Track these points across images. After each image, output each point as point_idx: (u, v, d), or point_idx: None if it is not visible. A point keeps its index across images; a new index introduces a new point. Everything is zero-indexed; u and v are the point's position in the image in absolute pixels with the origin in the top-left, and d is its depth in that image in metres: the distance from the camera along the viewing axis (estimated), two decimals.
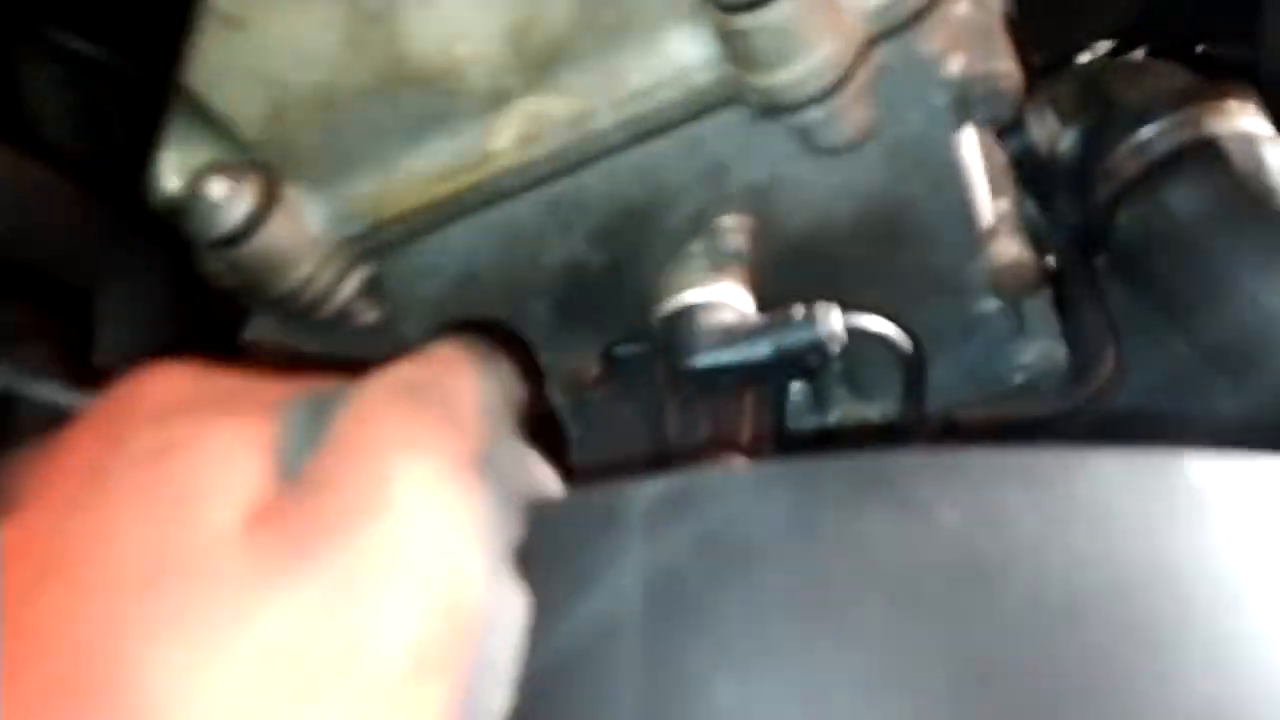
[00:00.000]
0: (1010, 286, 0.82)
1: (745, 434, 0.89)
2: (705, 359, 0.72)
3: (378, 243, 0.76)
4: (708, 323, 0.73)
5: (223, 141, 0.74)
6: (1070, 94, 0.90)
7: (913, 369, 0.75)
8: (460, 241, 0.77)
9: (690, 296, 0.75)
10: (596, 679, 0.38)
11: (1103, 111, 0.86)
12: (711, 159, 0.70)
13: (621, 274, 0.80)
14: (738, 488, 0.43)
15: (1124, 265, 0.86)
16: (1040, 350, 0.91)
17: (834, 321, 0.70)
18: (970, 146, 0.72)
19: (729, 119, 0.68)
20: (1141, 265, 0.83)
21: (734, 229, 0.73)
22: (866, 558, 0.38)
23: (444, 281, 0.80)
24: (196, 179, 0.72)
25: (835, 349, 0.70)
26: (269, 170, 0.73)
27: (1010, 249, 0.80)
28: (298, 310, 0.78)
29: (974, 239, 0.79)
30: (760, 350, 0.71)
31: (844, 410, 1.00)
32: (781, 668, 0.37)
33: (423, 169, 0.73)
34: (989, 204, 0.77)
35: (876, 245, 0.78)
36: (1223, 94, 0.81)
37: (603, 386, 0.93)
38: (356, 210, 0.74)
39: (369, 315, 0.81)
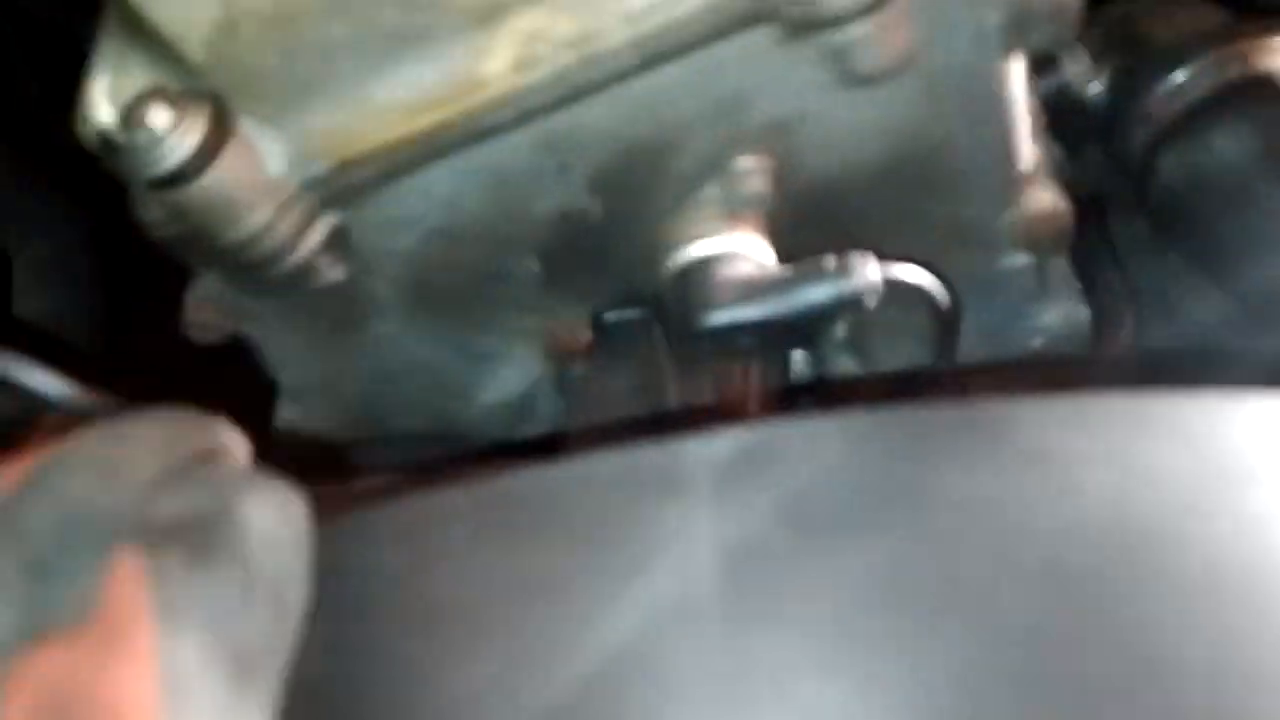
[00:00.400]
0: (1042, 240, 0.77)
1: (752, 401, 0.83)
2: (723, 315, 0.65)
3: (345, 186, 0.67)
4: (725, 276, 0.66)
5: (164, 64, 0.65)
6: (1099, 34, 0.84)
7: (948, 325, 0.68)
8: (441, 186, 0.68)
9: (703, 247, 0.68)
10: (664, 675, 0.30)
11: (1135, 52, 0.81)
12: (731, 89, 0.63)
13: (622, 225, 0.72)
14: (824, 441, 0.35)
15: (1163, 214, 0.80)
16: (1062, 312, 0.86)
17: (872, 272, 0.63)
18: (1018, 79, 0.66)
19: (754, 41, 0.61)
20: (1182, 213, 0.78)
21: (752, 171, 0.66)
22: (996, 526, 0.31)
23: (420, 233, 0.72)
24: (134, 108, 0.63)
25: (872, 302, 0.63)
26: (218, 99, 0.64)
27: (1044, 198, 0.75)
28: (250, 265, 0.69)
29: (1010, 186, 0.73)
30: (788, 305, 0.64)
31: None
32: (889, 665, 0.29)
33: (399, 99, 0.64)
34: (1028, 147, 0.71)
35: (903, 192, 0.71)
36: (1262, 32, 0.76)
37: (592, 355, 0.85)
38: (321, 147, 0.66)
39: (333, 272, 0.73)
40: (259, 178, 0.66)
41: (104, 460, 0.35)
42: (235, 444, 0.41)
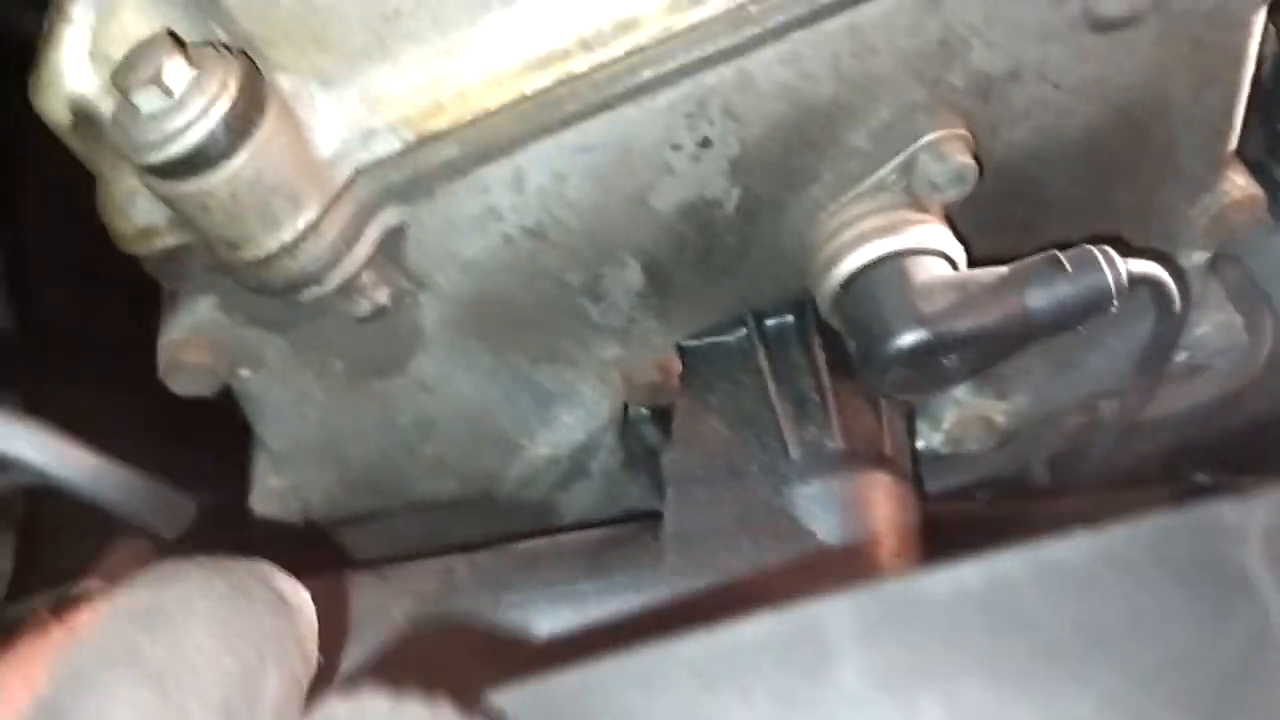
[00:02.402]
0: (1231, 233, 0.68)
1: (888, 444, 0.71)
2: (931, 329, 0.53)
3: (420, 171, 0.53)
4: (922, 280, 0.55)
5: (172, 4, 0.50)
6: None
7: (1176, 327, 0.59)
8: (539, 169, 0.56)
9: (881, 245, 0.57)
10: None
11: None
12: (941, 34, 0.53)
13: (764, 219, 0.61)
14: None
15: None
16: (1216, 322, 0.78)
17: (1118, 266, 0.53)
18: (1258, 37, 0.58)
19: None
20: None
21: (948, 143, 0.55)
22: None
23: (499, 234, 0.59)
24: (132, 64, 0.48)
25: (1117, 304, 0.54)
26: (252, 55, 0.49)
27: (1239, 184, 0.67)
28: (277, 284, 0.54)
29: (1215, 168, 0.65)
30: (1016, 312, 0.53)
31: (962, 410, 0.84)
32: None
33: (507, 49, 0.51)
34: (1240, 122, 0.63)
35: (1100, 171, 0.63)
36: None
37: (686, 388, 0.72)
38: (395, 117, 0.52)
39: (378, 295, 0.58)
40: (307, 161, 0.51)
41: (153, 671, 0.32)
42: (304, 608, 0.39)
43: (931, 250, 0.57)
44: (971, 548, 0.84)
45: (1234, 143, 0.65)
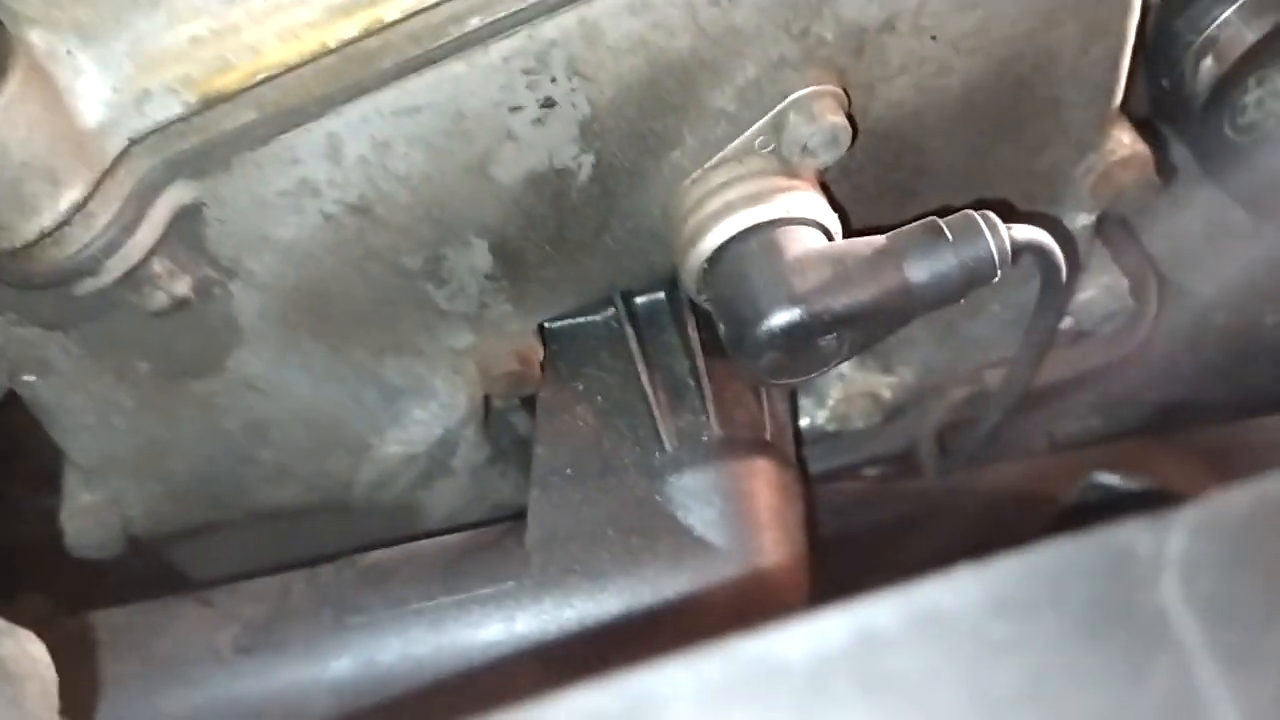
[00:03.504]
0: (1118, 193, 0.65)
1: (769, 428, 0.66)
2: (809, 307, 0.48)
3: (208, 139, 0.45)
4: (796, 253, 0.50)
5: None
6: None
7: (1062, 292, 0.55)
8: (357, 137, 0.48)
9: (749, 215, 0.51)
10: None
11: None
12: None
13: (620, 189, 0.54)
14: None
15: (1226, 155, 0.72)
16: (1101, 286, 0.75)
17: (1001, 234, 0.48)
18: None
19: None
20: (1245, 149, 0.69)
21: (820, 100, 0.50)
22: None
23: (318, 214, 0.51)
24: None
25: (1001, 273, 0.49)
26: None
27: (1125, 142, 0.63)
28: (46, 276, 0.46)
29: (1101, 125, 0.62)
30: (897, 285, 0.48)
31: (846, 385, 0.80)
32: None
33: None
34: (1124, 77, 0.59)
35: (982, 131, 0.58)
36: None
37: (550, 376, 0.66)
38: (172, 76, 0.44)
39: (176, 283, 0.50)
40: (67, 131, 0.43)
41: None
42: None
43: (804, 220, 0.51)
44: (860, 532, 0.80)
45: (1119, 99, 0.61)
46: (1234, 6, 0.69)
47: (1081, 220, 0.68)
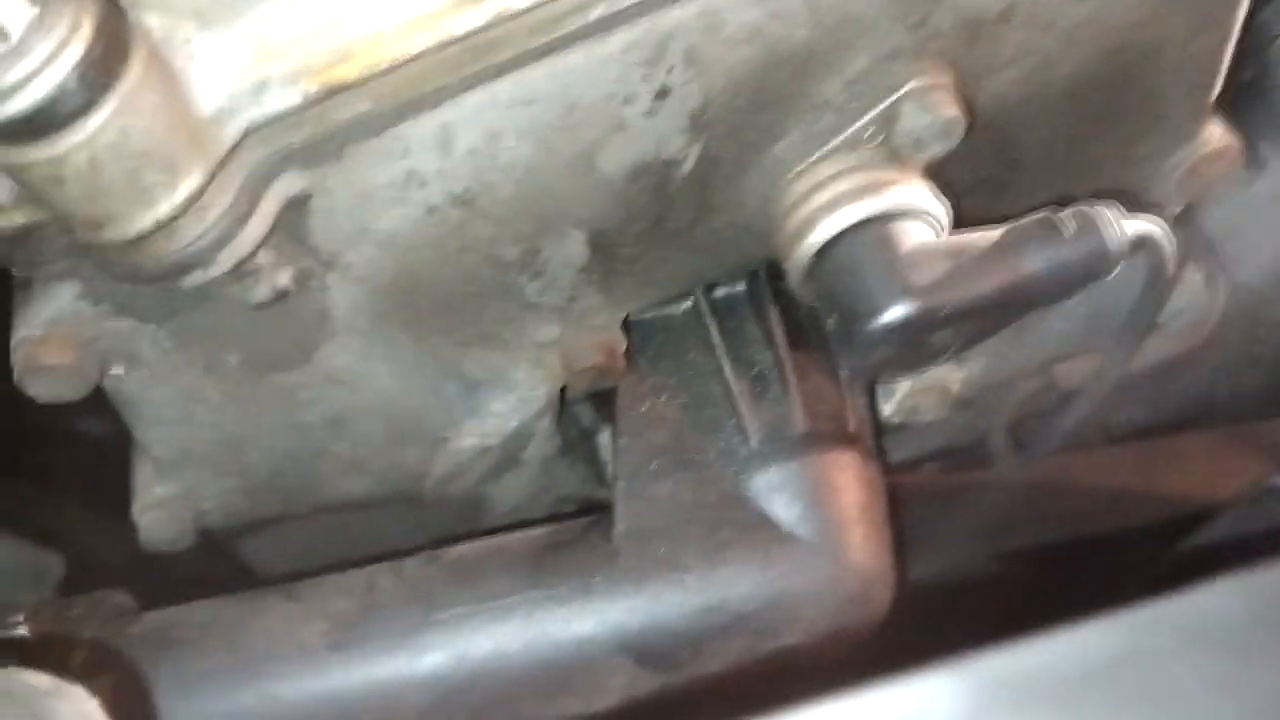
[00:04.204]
0: (1206, 185, 0.64)
1: (852, 421, 0.66)
2: (924, 301, 0.47)
3: (324, 131, 0.45)
4: (911, 247, 0.49)
5: None
6: None
7: (1163, 286, 0.54)
8: (469, 128, 0.48)
9: (859, 208, 0.50)
10: None
11: None
12: None
13: (724, 180, 0.53)
14: None
15: None
16: (1180, 281, 0.74)
17: (1120, 227, 0.48)
18: None
19: None
20: None
21: (933, 91, 0.49)
22: None
23: (421, 205, 0.50)
24: None
25: (1118, 267, 0.49)
26: None
27: (1217, 134, 0.63)
28: (153, 269, 0.45)
29: (1198, 116, 0.61)
30: (1017, 279, 0.47)
31: (916, 378, 0.79)
32: None
33: None
34: (1227, 66, 0.58)
35: (1085, 120, 0.58)
36: None
37: (631, 369, 0.65)
38: (292, 67, 0.43)
39: (278, 277, 0.49)
40: (185, 119, 0.42)
41: None
42: None
43: (915, 212, 0.51)
44: (926, 522, 0.79)
45: (1217, 91, 0.60)
46: None
47: (1166, 213, 0.67)
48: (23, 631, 0.53)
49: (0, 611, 0.53)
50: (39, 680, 0.37)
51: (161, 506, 0.66)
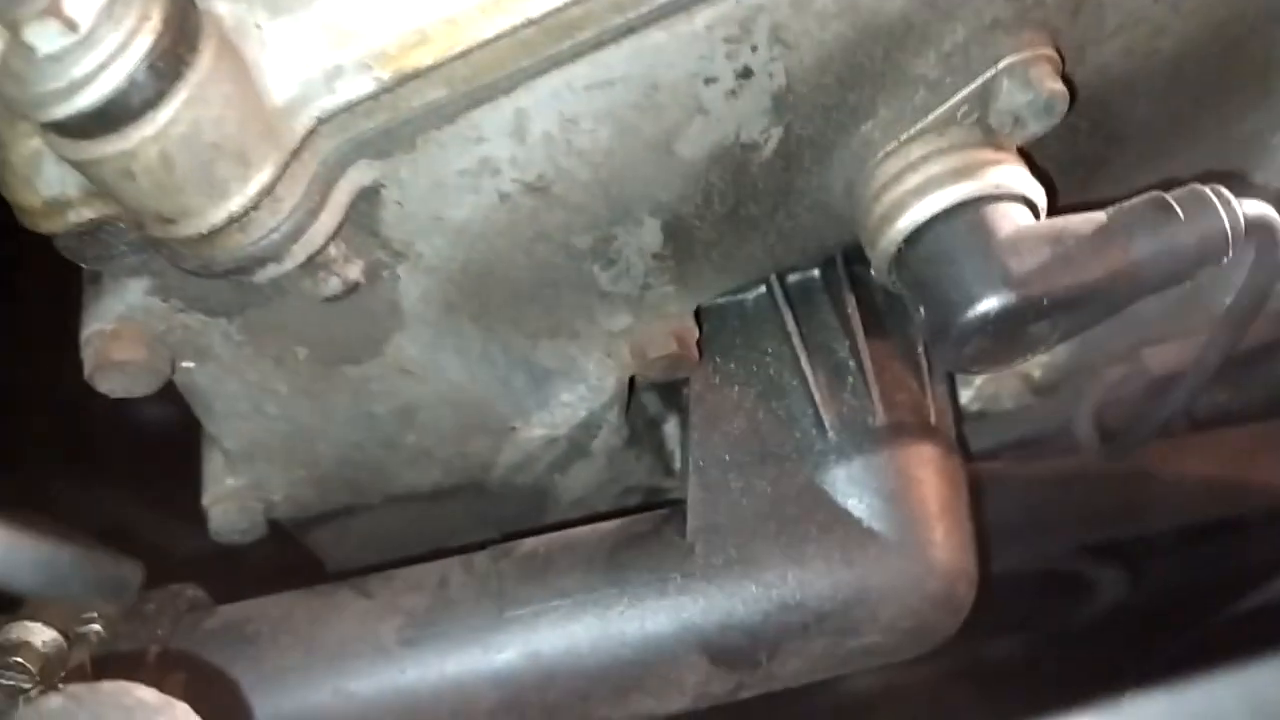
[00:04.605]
0: None
1: (932, 411, 0.63)
2: (1026, 289, 0.45)
3: (397, 117, 0.43)
4: (1010, 232, 0.46)
5: None
6: None
7: (1275, 269, 0.51)
8: (545, 113, 0.45)
9: (955, 191, 0.48)
10: None
11: None
12: None
13: (809, 163, 0.51)
14: None
15: None
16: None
17: (1236, 209, 0.45)
18: None
19: None
20: None
21: (1034, 66, 0.46)
22: None
23: (493, 193, 0.48)
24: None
25: (1233, 253, 0.46)
26: None
27: None
28: (226, 262, 0.44)
29: None
30: (1126, 266, 0.45)
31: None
32: None
33: None
34: None
35: (1189, 96, 0.54)
36: None
37: (704, 357, 0.63)
38: (364, 52, 0.41)
39: (349, 270, 0.48)
40: (257, 110, 0.40)
41: None
42: None
43: (1013, 195, 0.48)
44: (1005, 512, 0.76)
45: None
46: None
47: (1272, 193, 0.64)
48: (97, 628, 0.53)
49: (74, 607, 0.53)
50: (148, 695, 0.36)
51: (232, 498, 0.65)
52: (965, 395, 0.78)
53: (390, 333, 0.56)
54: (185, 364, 0.55)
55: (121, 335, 0.51)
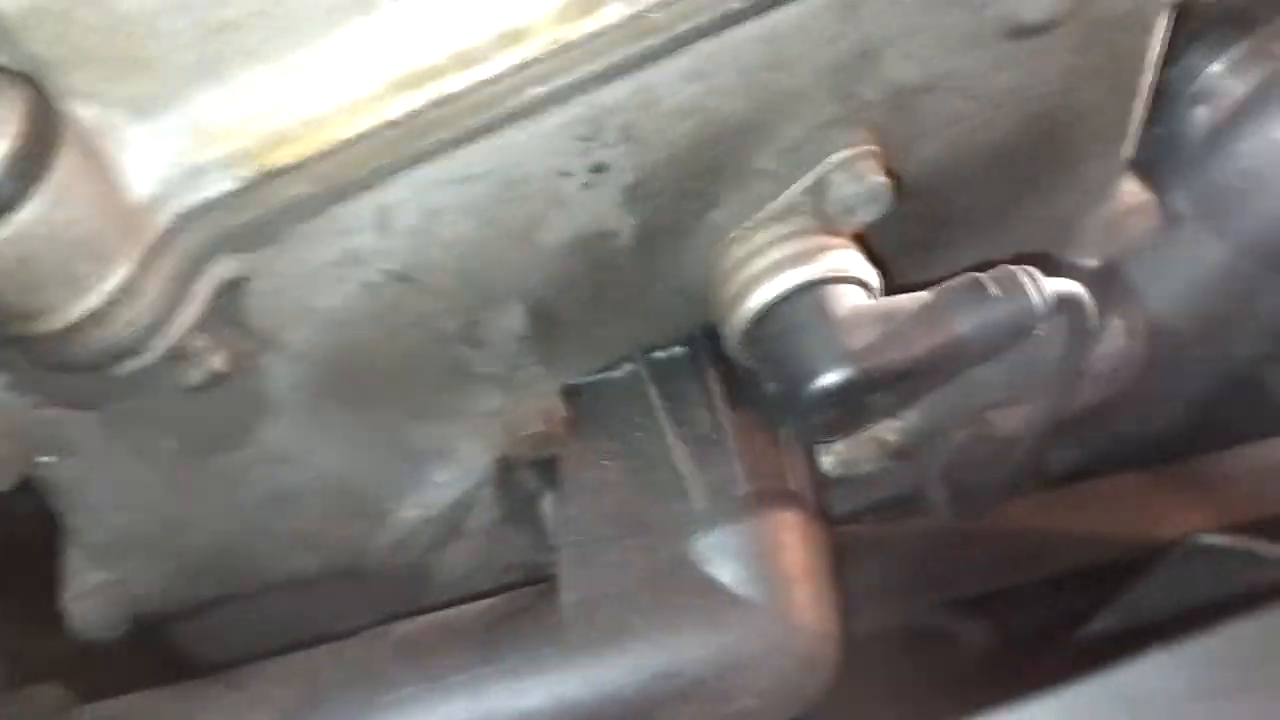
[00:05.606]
0: (1125, 239, 0.67)
1: (792, 478, 0.67)
2: (859, 365, 0.48)
3: (259, 214, 0.44)
4: (844, 311, 0.50)
5: None
6: None
7: (1087, 339, 0.56)
8: (409, 206, 0.48)
9: (795, 274, 0.52)
10: None
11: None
12: (862, 42, 0.48)
13: (661, 250, 0.54)
14: None
15: (1218, 198, 0.74)
16: (1115, 331, 0.77)
17: (1043, 286, 0.50)
18: (1160, 42, 0.56)
19: None
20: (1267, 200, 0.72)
21: (862, 160, 0.51)
22: None
23: (361, 283, 0.50)
24: None
25: (1044, 327, 0.50)
26: (39, 80, 0.39)
27: (1132, 191, 0.65)
28: (84, 358, 0.44)
29: (1114, 174, 0.63)
30: (947, 341, 0.49)
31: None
32: None
33: (370, 66, 0.43)
34: (1137, 125, 0.61)
35: (1008, 183, 0.60)
36: None
37: (576, 433, 0.65)
38: (228, 150, 0.43)
39: (213, 360, 0.49)
40: (117, 208, 0.41)
41: None
42: None
43: (848, 278, 0.52)
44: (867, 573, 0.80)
45: (1130, 151, 0.63)
46: (1228, 57, 0.72)
47: (1087, 266, 0.70)
48: None
49: None
50: None
51: (94, 594, 0.63)
52: (827, 461, 0.81)
53: (260, 420, 0.56)
54: (45, 459, 0.54)
55: None
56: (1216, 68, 0.72)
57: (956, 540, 0.80)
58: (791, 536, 0.63)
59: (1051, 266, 0.55)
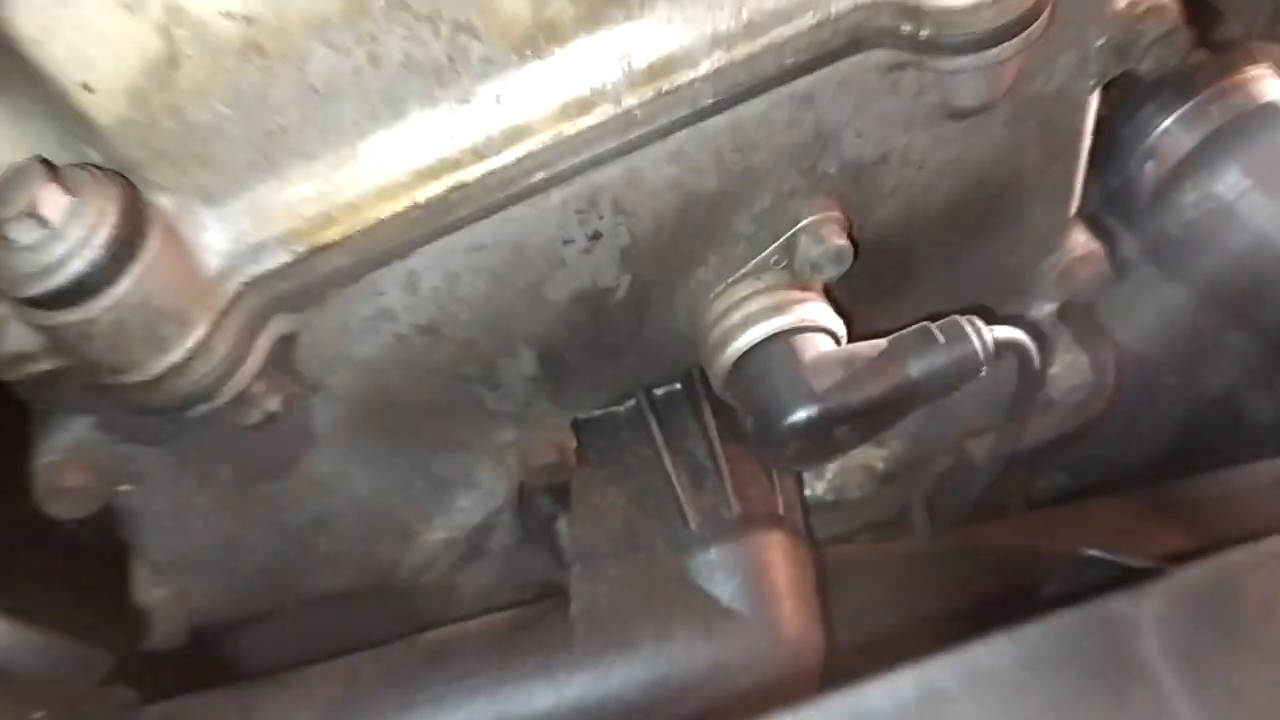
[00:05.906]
0: (1077, 286, 0.74)
1: (781, 504, 0.74)
2: (824, 404, 0.56)
3: (309, 280, 0.53)
4: (811, 357, 0.58)
5: (35, 126, 0.48)
6: None
7: (1033, 378, 0.63)
8: (433, 270, 0.56)
9: (769, 325, 0.59)
10: None
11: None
12: (816, 126, 0.56)
13: (652, 304, 0.62)
14: None
15: (1169, 246, 0.81)
16: (1065, 363, 0.84)
17: (985, 334, 0.57)
18: (1092, 112, 0.64)
19: (853, 69, 0.54)
20: (1207, 250, 0.79)
21: (825, 224, 0.58)
22: None
23: (393, 334, 0.58)
24: (2, 193, 0.46)
25: (986, 369, 0.58)
26: (131, 176, 0.48)
27: (1081, 241, 0.73)
28: (165, 403, 0.53)
29: (1061, 229, 0.70)
30: (900, 382, 0.56)
31: (843, 458, 0.88)
32: None
33: (402, 158, 0.51)
34: (1080, 188, 0.69)
35: (960, 239, 0.67)
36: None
37: (583, 462, 0.73)
38: (284, 230, 0.51)
39: (269, 403, 0.57)
40: (194, 280, 0.50)
41: None
42: None
43: (816, 327, 0.60)
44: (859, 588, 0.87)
45: (1075, 206, 0.70)
46: (1173, 117, 0.79)
47: (1046, 309, 0.77)
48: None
49: (21, 706, 0.59)
50: None
51: (157, 607, 0.72)
52: (819, 486, 0.89)
53: (304, 452, 0.65)
54: (123, 487, 0.63)
55: (68, 465, 0.59)
56: (1164, 125, 0.79)
57: (938, 558, 0.87)
58: (776, 555, 0.71)
59: (996, 316, 0.63)
